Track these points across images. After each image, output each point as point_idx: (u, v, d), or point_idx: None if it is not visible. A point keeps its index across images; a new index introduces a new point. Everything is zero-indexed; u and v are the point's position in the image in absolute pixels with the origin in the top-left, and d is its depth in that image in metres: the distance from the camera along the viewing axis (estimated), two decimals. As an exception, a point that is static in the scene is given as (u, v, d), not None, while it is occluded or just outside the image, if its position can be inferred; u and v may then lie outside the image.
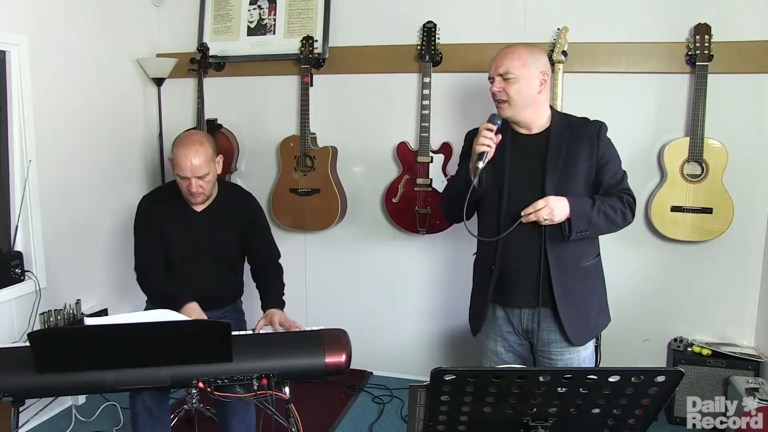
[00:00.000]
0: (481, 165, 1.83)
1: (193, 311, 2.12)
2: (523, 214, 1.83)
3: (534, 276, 1.91)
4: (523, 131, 1.96)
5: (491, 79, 1.92)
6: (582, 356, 1.99)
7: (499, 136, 1.87)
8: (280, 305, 2.25)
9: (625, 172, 1.99)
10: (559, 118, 1.96)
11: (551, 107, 1.98)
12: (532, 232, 1.89)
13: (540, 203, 1.81)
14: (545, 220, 1.81)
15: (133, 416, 2.12)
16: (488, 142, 1.83)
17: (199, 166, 2.18)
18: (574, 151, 1.90)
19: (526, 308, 1.97)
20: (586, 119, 1.99)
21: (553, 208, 1.80)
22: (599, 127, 1.94)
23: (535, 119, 1.93)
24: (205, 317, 2.12)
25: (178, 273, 2.33)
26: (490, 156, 1.84)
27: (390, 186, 3.14)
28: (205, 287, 2.31)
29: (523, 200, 1.85)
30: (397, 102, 3.16)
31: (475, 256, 2.12)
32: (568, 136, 1.91)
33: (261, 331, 2.09)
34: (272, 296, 2.27)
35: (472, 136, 2.03)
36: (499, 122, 1.87)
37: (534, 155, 1.92)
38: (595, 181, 1.93)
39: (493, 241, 1.93)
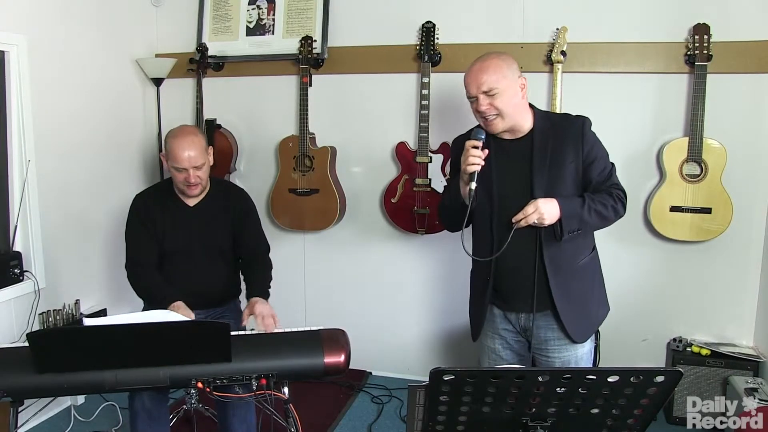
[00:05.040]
0: (474, 186, 1.82)
1: (180, 308, 2.12)
2: (513, 220, 1.82)
3: (531, 281, 1.90)
4: (507, 136, 1.93)
5: (473, 99, 1.87)
6: (580, 353, 1.98)
7: (486, 151, 1.85)
8: (264, 296, 2.27)
9: (613, 164, 1.96)
10: (541, 119, 1.93)
11: (531, 106, 1.95)
12: (528, 237, 1.88)
13: (529, 208, 1.80)
14: (535, 223, 1.80)
15: (132, 416, 2.12)
16: (477, 161, 1.82)
17: (195, 157, 2.24)
18: (559, 151, 1.88)
19: (523, 312, 1.97)
20: (567, 116, 1.97)
21: (543, 212, 1.79)
22: (582, 123, 1.91)
23: (521, 124, 1.91)
24: (193, 314, 2.13)
25: (172, 268, 2.34)
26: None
27: (389, 186, 3.14)
28: (200, 282, 2.34)
29: (514, 206, 1.84)
30: (396, 102, 3.16)
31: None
32: (552, 136, 1.89)
33: (248, 326, 2.10)
34: (257, 286, 2.30)
35: (459, 144, 2.01)
36: (483, 137, 1.85)
37: (520, 159, 1.91)
38: (584, 179, 1.92)
39: (489, 251, 1.92)
